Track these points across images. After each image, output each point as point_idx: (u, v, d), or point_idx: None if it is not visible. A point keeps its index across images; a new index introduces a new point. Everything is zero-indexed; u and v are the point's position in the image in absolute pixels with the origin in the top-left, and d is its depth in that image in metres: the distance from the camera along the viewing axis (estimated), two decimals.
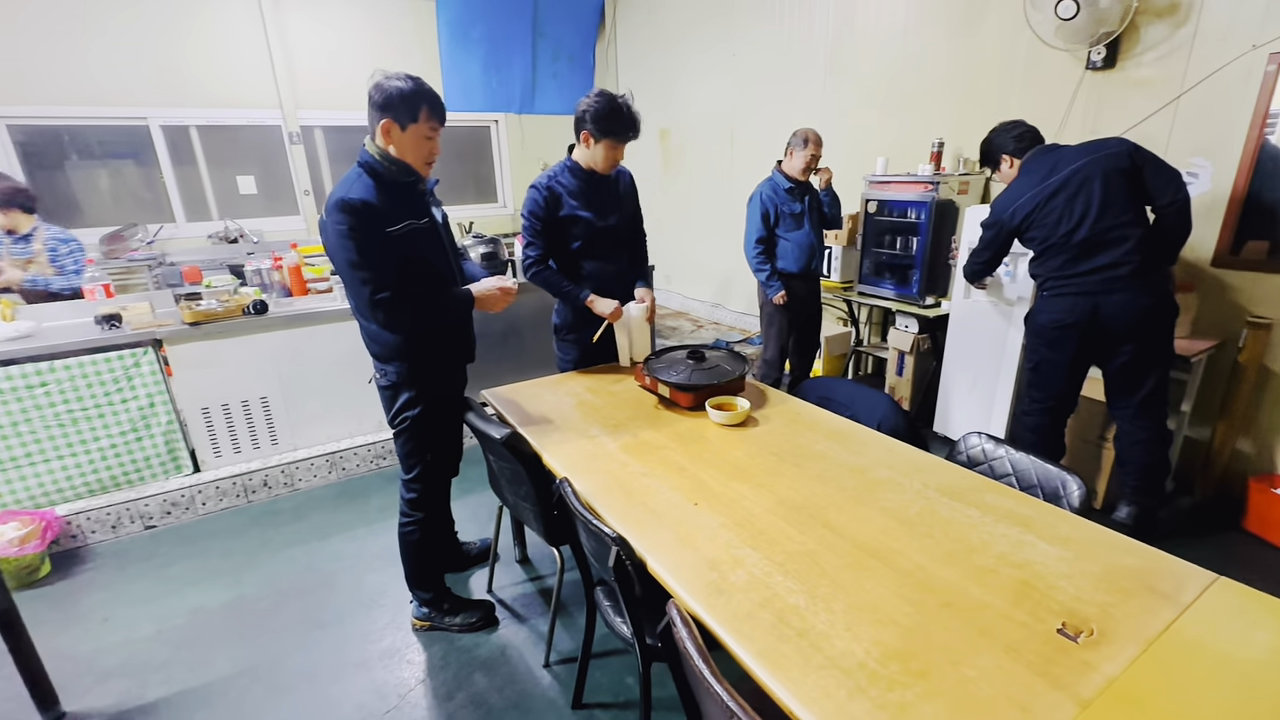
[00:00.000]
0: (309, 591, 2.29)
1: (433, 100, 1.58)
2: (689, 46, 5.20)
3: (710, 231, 5.42)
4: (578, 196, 2.15)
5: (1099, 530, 1.28)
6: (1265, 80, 2.29)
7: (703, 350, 2.08)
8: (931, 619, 1.05)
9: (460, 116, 5.86)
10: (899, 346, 3.43)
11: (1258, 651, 0.96)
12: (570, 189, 2.15)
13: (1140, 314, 2.14)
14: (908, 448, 1.67)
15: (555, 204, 2.13)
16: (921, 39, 3.44)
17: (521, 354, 3.55)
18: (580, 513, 1.35)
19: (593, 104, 2.00)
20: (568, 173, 2.15)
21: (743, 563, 1.22)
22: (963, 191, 3.19)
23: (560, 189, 2.14)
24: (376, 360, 1.78)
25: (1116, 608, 1.06)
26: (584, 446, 1.73)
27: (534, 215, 2.13)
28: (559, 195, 2.14)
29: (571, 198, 2.15)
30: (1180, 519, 2.53)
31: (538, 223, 2.14)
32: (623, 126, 2.01)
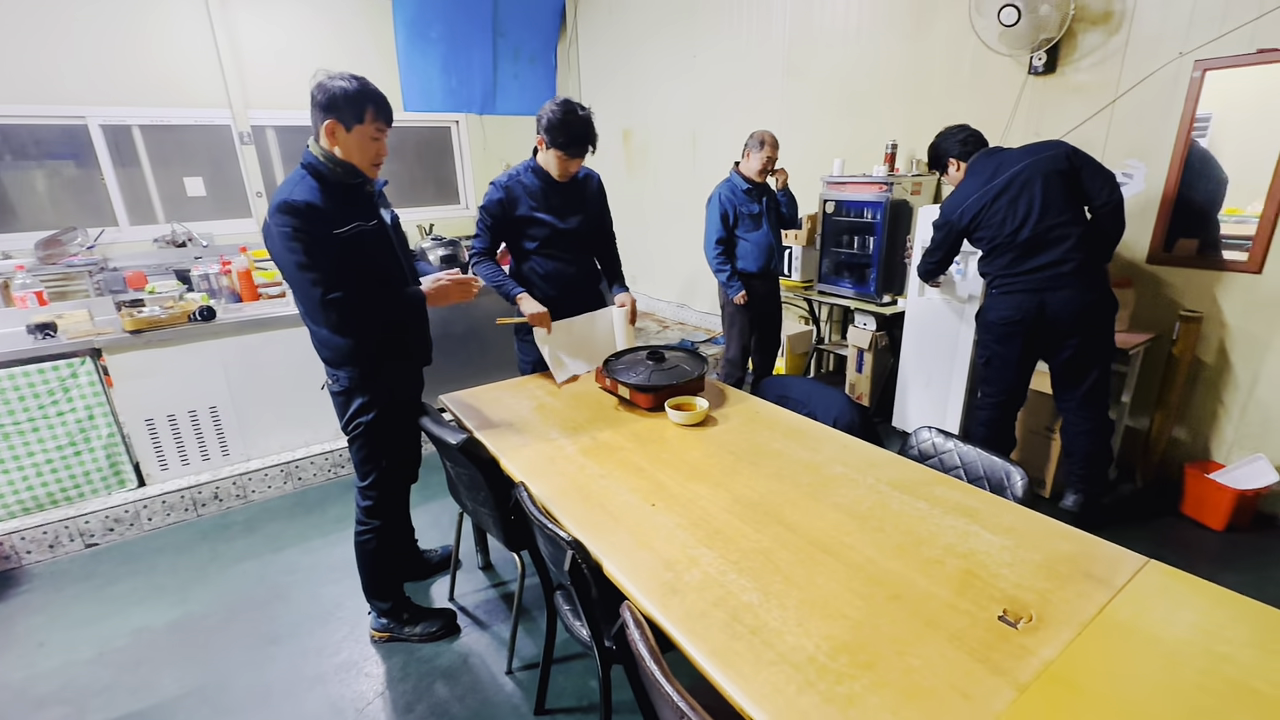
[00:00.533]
0: (261, 606, 2.22)
1: (378, 100, 1.55)
2: (650, 48, 5.21)
3: (674, 232, 5.44)
4: (538, 197, 2.15)
5: (1040, 519, 1.32)
6: (1191, 86, 2.41)
7: (662, 351, 2.09)
8: (880, 611, 1.08)
9: (420, 117, 5.77)
10: (858, 344, 3.50)
11: (1182, 630, 1.00)
12: (531, 189, 2.15)
13: (1083, 309, 2.22)
14: (862, 444, 1.70)
15: (513, 203, 2.13)
16: (874, 43, 3.52)
17: (484, 356, 3.51)
18: (536, 518, 1.34)
19: (549, 112, 2.01)
20: (530, 173, 2.16)
21: (698, 562, 1.23)
22: (915, 192, 3.27)
23: (520, 189, 2.14)
24: (328, 365, 1.73)
25: (1054, 593, 1.10)
26: (543, 450, 1.72)
27: (487, 211, 2.15)
28: (517, 195, 2.13)
29: (531, 198, 2.14)
30: (1123, 505, 2.64)
31: (489, 219, 2.16)
32: (572, 140, 2.01)
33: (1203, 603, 1.06)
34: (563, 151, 2.04)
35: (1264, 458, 2.42)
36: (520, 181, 2.14)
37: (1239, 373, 2.50)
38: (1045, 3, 2.57)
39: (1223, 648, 0.97)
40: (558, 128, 1.99)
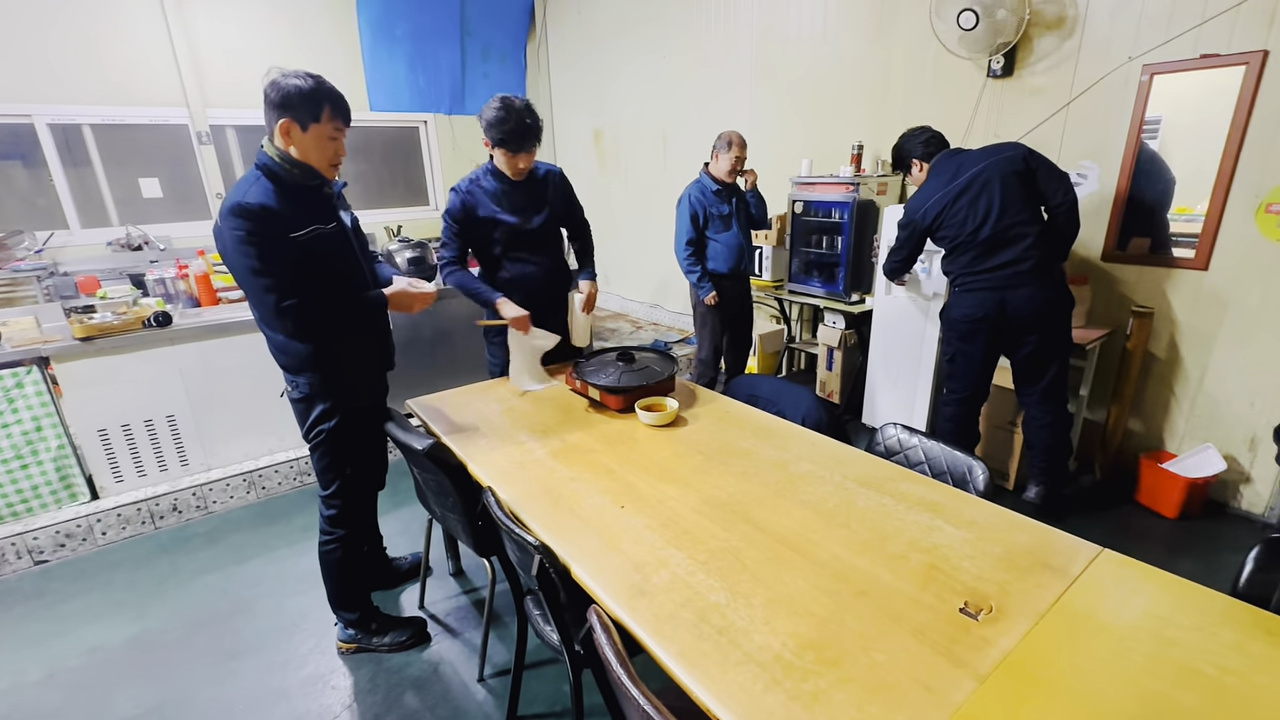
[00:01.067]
0: (224, 620, 2.15)
1: (335, 99, 1.52)
2: (620, 49, 5.21)
3: (647, 232, 5.44)
4: (499, 199, 2.14)
5: (1001, 512, 1.35)
6: (1140, 89, 2.50)
7: (632, 352, 2.08)
8: (846, 608, 1.09)
9: (387, 117, 5.67)
10: (828, 342, 3.55)
11: (1133, 616, 1.03)
12: (491, 191, 2.13)
13: (1042, 306, 2.28)
14: (829, 441, 1.72)
15: (474, 206, 2.12)
16: (839, 46, 3.57)
17: (453, 360, 3.46)
18: (504, 523, 1.32)
19: (487, 111, 1.98)
20: (489, 175, 2.14)
21: (667, 563, 1.22)
22: (881, 192, 3.33)
23: (480, 192, 2.13)
24: (286, 372, 1.69)
25: (1013, 584, 1.12)
26: (511, 454, 1.70)
27: (451, 217, 2.14)
28: (478, 198, 2.12)
29: (492, 201, 2.13)
30: (1083, 496, 2.72)
31: (455, 224, 2.14)
32: (511, 135, 1.97)
33: (1152, 589, 1.10)
34: (505, 148, 2.00)
35: (1213, 447, 2.52)
36: (480, 185, 2.13)
37: (1188, 366, 2.60)
38: (1002, 7, 2.63)
39: (1170, 632, 1.00)
40: (495, 124, 1.96)
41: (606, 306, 6.13)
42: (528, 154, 2.06)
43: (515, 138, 1.98)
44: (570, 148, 6.20)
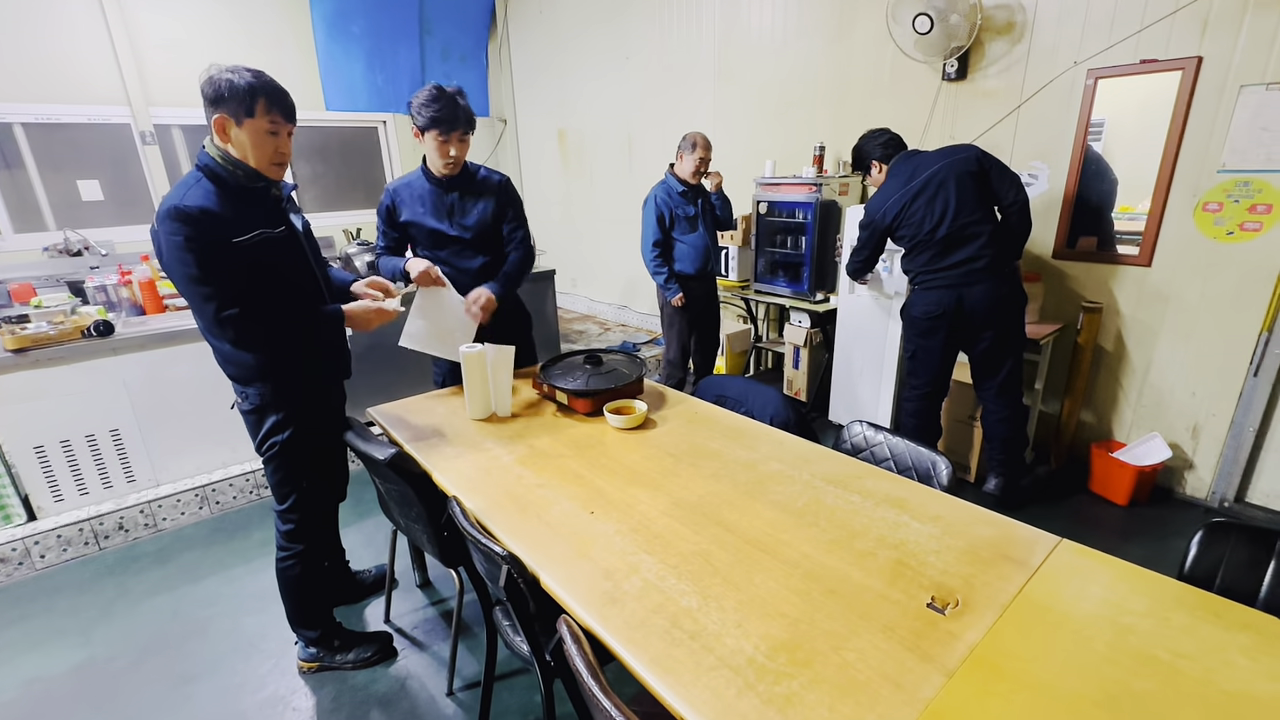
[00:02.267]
0: (176, 643, 2.05)
1: (273, 92, 1.45)
2: (583, 49, 5.18)
3: (613, 233, 5.42)
4: (424, 201, 2.09)
5: (965, 506, 1.38)
6: (1086, 93, 2.60)
7: (599, 355, 2.06)
8: (816, 607, 1.09)
9: (345, 116, 5.52)
10: (794, 341, 3.59)
11: (1091, 605, 1.06)
12: (419, 193, 2.09)
13: (997, 303, 2.35)
14: (797, 440, 1.73)
15: (397, 208, 2.11)
16: (800, 48, 3.62)
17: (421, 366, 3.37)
18: (469, 532, 1.29)
19: (417, 96, 1.92)
20: (421, 176, 2.08)
21: (638, 569, 1.21)
22: (843, 193, 3.38)
23: (407, 193, 2.09)
24: (235, 383, 1.62)
25: (977, 577, 1.14)
26: (477, 461, 1.66)
27: (379, 216, 2.16)
28: (403, 200, 2.10)
29: (418, 202, 2.09)
30: (1040, 486, 2.81)
31: (381, 223, 2.17)
32: (440, 116, 1.87)
33: (1108, 577, 1.13)
34: (436, 129, 1.90)
35: (1159, 436, 2.63)
36: (409, 185, 2.09)
37: (1135, 358, 2.71)
38: (955, 12, 2.70)
39: (1126, 619, 1.03)
40: (426, 104, 1.88)
41: (574, 308, 6.09)
42: (460, 140, 1.95)
43: (447, 118, 1.88)
44: (534, 148, 6.14)
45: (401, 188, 2.10)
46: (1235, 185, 2.33)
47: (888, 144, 2.50)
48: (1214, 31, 2.27)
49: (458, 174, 2.05)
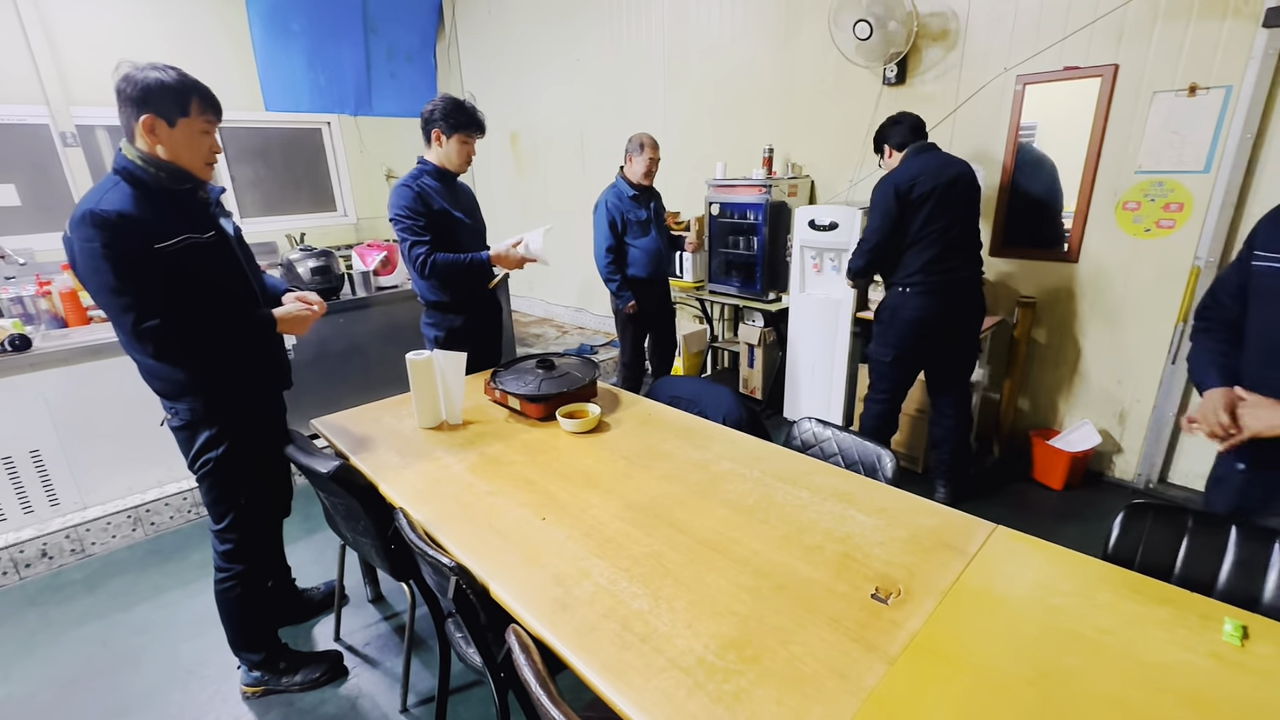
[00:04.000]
0: (106, 675, 1.93)
1: (204, 91, 1.39)
2: (533, 50, 5.14)
3: (569, 235, 5.39)
4: (445, 196, 2.21)
5: (908, 497, 1.42)
6: (1015, 97, 2.72)
7: (552, 358, 2.05)
8: (765, 603, 1.10)
9: (285, 117, 5.33)
10: (748, 340, 3.64)
11: (1023, 588, 1.11)
12: (436, 190, 2.20)
13: (973, 315, 2.47)
14: (749, 438, 1.75)
15: (428, 198, 2.16)
16: (747, 52, 3.68)
17: (368, 374, 3.29)
18: (416, 545, 1.25)
19: (439, 103, 2.13)
20: (427, 175, 2.19)
21: (589, 574, 1.20)
22: (793, 194, 3.45)
23: (426, 188, 2.18)
24: (163, 398, 1.53)
25: (919, 566, 1.18)
26: (426, 470, 1.62)
27: (412, 211, 2.13)
28: (428, 191, 2.17)
29: (440, 196, 2.20)
30: (985, 475, 2.92)
31: (418, 215, 2.13)
32: (470, 119, 2.13)
33: (1039, 560, 1.18)
34: (464, 132, 2.14)
35: (1089, 423, 2.78)
36: (423, 183, 2.18)
37: (1066, 350, 2.85)
38: (893, 19, 2.79)
39: (1056, 600, 1.08)
40: (453, 111, 2.11)
41: (531, 312, 6.03)
42: (478, 137, 2.21)
43: (475, 123, 2.15)
44: (487, 150, 6.05)
45: (419, 183, 2.16)
46: (1151, 185, 2.48)
47: (906, 130, 2.43)
48: (1129, 41, 2.42)
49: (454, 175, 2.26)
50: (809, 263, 3.22)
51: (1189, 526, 1.20)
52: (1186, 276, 2.46)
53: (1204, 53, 2.27)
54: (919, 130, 2.45)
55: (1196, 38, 2.28)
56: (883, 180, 2.40)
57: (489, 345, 2.51)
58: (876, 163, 2.60)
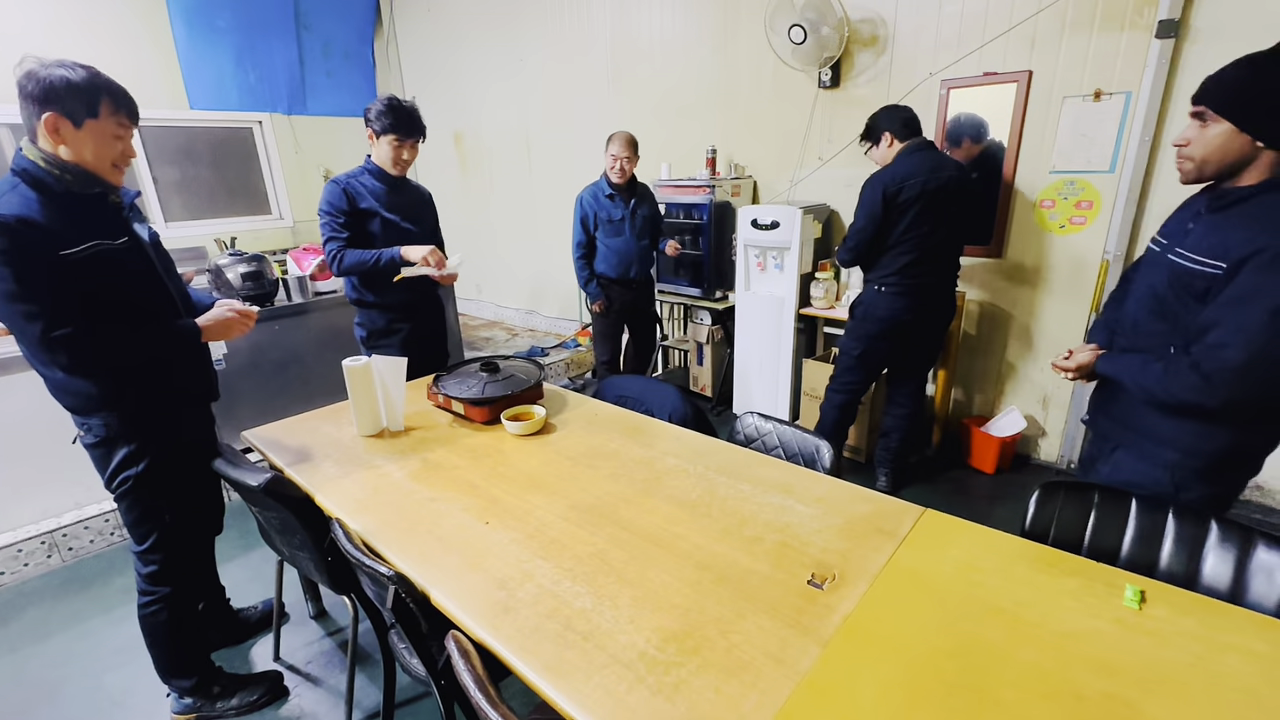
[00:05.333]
0: (19, 713, 1.80)
1: (116, 91, 1.32)
2: (475, 50, 5.06)
3: (517, 237, 5.34)
4: (380, 197, 2.19)
5: (845, 486, 1.47)
6: (941, 101, 2.85)
7: (496, 361, 2.02)
8: (706, 595, 1.13)
9: (213, 116, 5.08)
10: (697, 339, 3.69)
11: (949, 567, 1.17)
12: (371, 189, 2.18)
13: (942, 317, 2.56)
14: (693, 435, 1.78)
15: (356, 197, 2.15)
16: (689, 54, 3.73)
17: (307, 383, 3.17)
18: (353, 555, 1.22)
19: (376, 104, 2.11)
20: (367, 174, 2.20)
21: (532, 575, 1.20)
22: (735, 194, 3.52)
23: (360, 186, 2.17)
24: (74, 414, 1.44)
25: (853, 551, 1.23)
26: (364, 479, 1.58)
27: (332, 206, 2.13)
28: (359, 191, 2.16)
29: (373, 196, 2.18)
30: (926, 464, 3.04)
31: (338, 214, 2.13)
32: (401, 122, 2.08)
33: (964, 540, 1.25)
34: (395, 134, 2.10)
35: (1016, 409, 2.94)
36: (359, 181, 2.18)
37: (993, 340, 3.01)
38: (825, 25, 2.88)
39: (977, 576, 1.14)
40: (386, 113, 2.08)
41: (480, 315, 5.93)
42: (412, 146, 2.17)
43: (406, 126, 2.10)
44: (430, 151, 5.91)
45: (352, 182, 2.16)
46: (1064, 184, 2.64)
47: (907, 123, 2.38)
48: (1040, 49, 2.57)
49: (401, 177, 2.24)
50: (753, 261, 3.29)
51: (1095, 502, 1.29)
52: (1098, 269, 2.63)
53: (1106, 61, 2.44)
54: (916, 127, 2.41)
55: (1099, 47, 2.44)
56: (873, 178, 2.37)
57: (434, 349, 2.47)
58: (865, 150, 2.52)
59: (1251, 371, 1.15)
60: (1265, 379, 1.16)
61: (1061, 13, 2.49)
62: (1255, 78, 1.15)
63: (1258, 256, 1.13)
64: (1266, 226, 1.14)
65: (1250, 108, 1.15)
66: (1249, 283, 1.14)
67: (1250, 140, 1.15)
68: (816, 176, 3.36)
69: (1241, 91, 1.15)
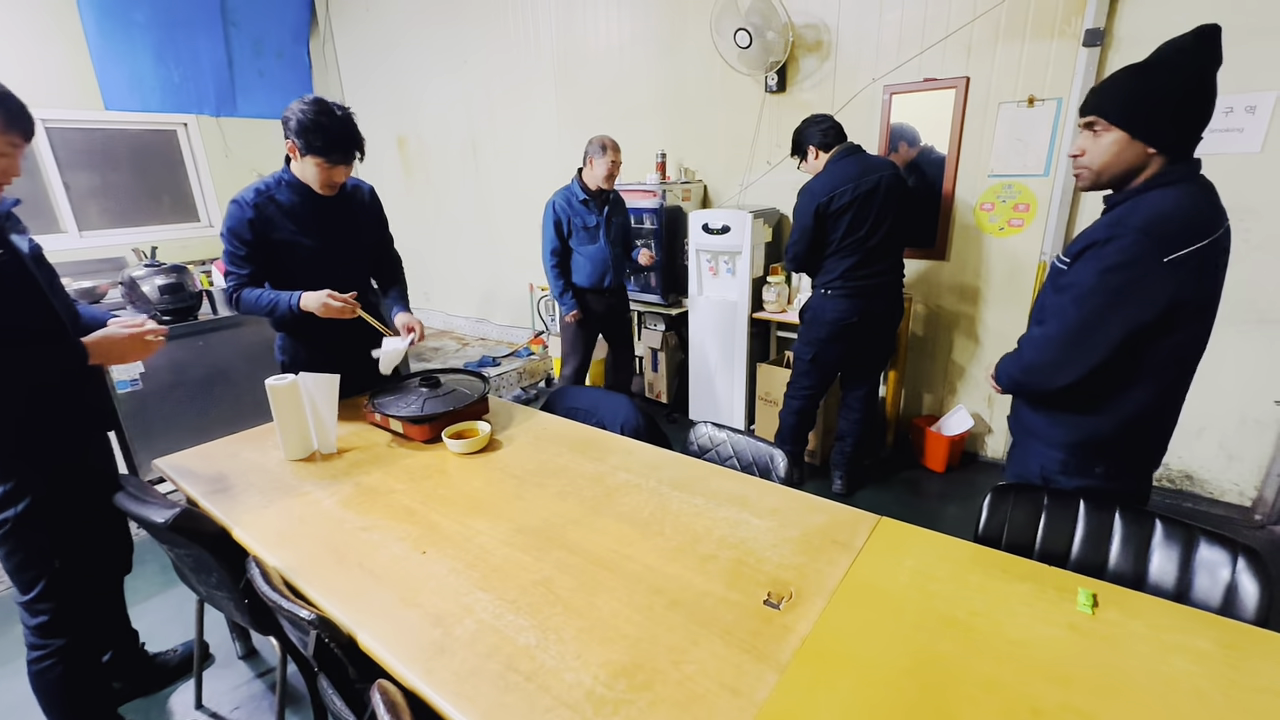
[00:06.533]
0: None
1: (12, 108, 1.18)
2: (416, 50, 4.90)
3: (466, 243, 5.19)
4: (298, 217, 1.80)
5: (800, 496, 1.44)
6: (884, 106, 2.89)
7: (437, 376, 1.92)
8: (658, 622, 1.06)
9: (133, 117, 4.75)
10: (651, 345, 3.64)
11: (905, 577, 1.14)
12: (288, 207, 1.79)
13: (891, 316, 2.56)
14: (646, 447, 1.72)
15: (266, 224, 1.77)
16: (635, 58, 3.68)
17: (237, 402, 2.97)
18: (269, 598, 1.11)
19: (298, 112, 1.66)
20: (285, 187, 1.79)
21: (472, 610, 1.11)
22: (686, 198, 3.49)
23: (273, 208, 1.78)
24: None
25: (809, 566, 1.19)
26: (290, 508, 1.46)
27: (236, 237, 1.76)
28: (270, 215, 1.77)
29: (290, 219, 1.79)
30: (880, 466, 3.07)
31: (242, 246, 1.76)
32: (331, 143, 1.68)
33: (919, 548, 1.22)
34: (322, 158, 1.70)
35: (963, 407, 3.00)
36: (273, 199, 1.78)
37: (940, 341, 3.07)
38: (770, 29, 2.89)
39: (933, 586, 1.12)
40: (311, 129, 1.66)
41: (429, 324, 5.73)
42: (346, 167, 1.78)
43: (338, 147, 1.69)
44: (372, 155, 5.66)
45: (263, 202, 1.76)
46: (1002, 188, 2.71)
47: (826, 132, 2.42)
48: (976, 56, 2.63)
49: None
50: (705, 266, 3.27)
51: (1045, 504, 1.29)
52: (1035, 270, 2.71)
53: (1038, 68, 2.51)
54: (840, 133, 2.45)
55: (1031, 54, 2.52)
56: (805, 190, 2.42)
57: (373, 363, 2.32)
58: (796, 164, 2.57)
59: (1053, 342, 1.27)
60: (1070, 351, 1.25)
61: (995, 21, 2.55)
62: (1142, 86, 1.19)
63: (1088, 250, 1.22)
64: (1109, 223, 1.20)
65: (1140, 115, 1.18)
66: (1072, 272, 1.25)
67: (1143, 147, 1.19)
68: (766, 180, 3.36)
69: (1130, 99, 1.19)
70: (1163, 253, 1.14)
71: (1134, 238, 1.15)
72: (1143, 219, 1.16)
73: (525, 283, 4.69)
